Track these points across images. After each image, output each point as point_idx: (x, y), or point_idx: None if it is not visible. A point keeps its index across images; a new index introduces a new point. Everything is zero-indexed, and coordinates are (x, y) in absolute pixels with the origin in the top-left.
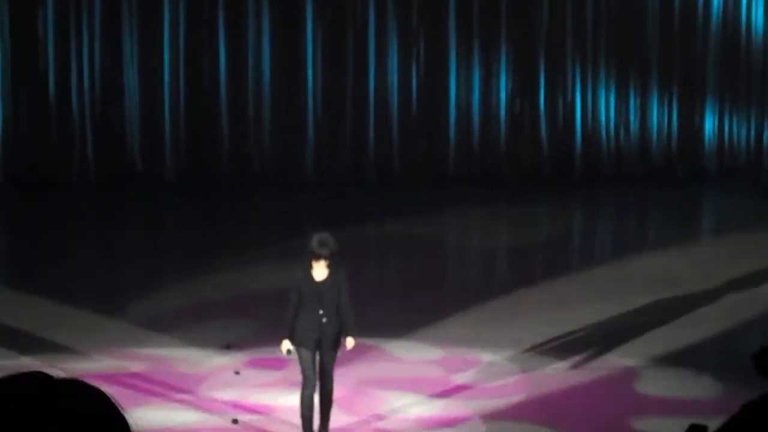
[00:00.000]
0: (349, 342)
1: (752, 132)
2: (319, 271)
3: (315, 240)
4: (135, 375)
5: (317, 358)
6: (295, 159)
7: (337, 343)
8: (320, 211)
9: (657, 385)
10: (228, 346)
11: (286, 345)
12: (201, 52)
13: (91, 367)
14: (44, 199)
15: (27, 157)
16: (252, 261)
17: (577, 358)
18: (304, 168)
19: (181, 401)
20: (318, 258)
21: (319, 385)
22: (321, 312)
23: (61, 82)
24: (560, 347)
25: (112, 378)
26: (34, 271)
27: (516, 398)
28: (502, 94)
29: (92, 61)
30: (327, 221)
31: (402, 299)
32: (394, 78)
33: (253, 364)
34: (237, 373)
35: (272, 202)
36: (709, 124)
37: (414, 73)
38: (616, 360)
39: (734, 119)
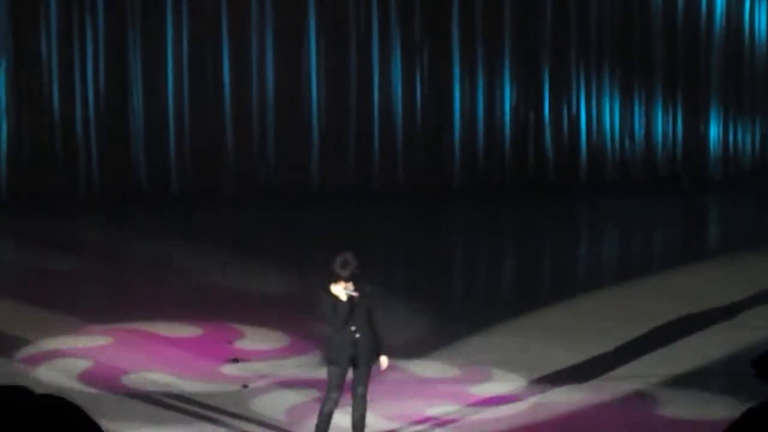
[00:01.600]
0: (383, 361)
1: (757, 139)
2: (345, 288)
3: (337, 261)
4: (143, 392)
5: (348, 376)
6: (300, 172)
7: (372, 360)
8: (326, 224)
9: (673, 405)
10: (236, 360)
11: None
12: (205, 67)
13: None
14: (50, 218)
15: (32, 175)
16: (259, 275)
17: (589, 377)
18: (309, 181)
19: (189, 415)
20: (338, 279)
21: (352, 407)
22: (353, 328)
23: (66, 99)
24: (572, 364)
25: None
26: (43, 288)
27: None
28: (507, 105)
29: (96, 77)
30: (333, 234)
31: (410, 314)
32: (398, 90)
33: (263, 378)
34: (245, 387)
35: (278, 215)
36: (714, 132)
37: (418, 85)
38: (629, 377)
39: (739, 127)
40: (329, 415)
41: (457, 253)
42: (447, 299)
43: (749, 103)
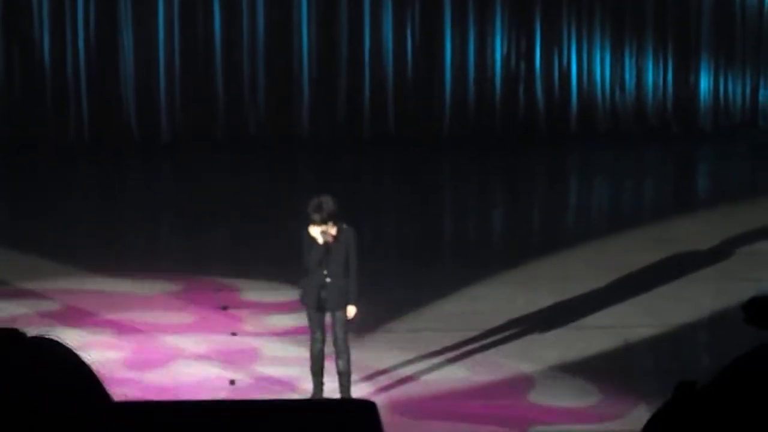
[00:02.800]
0: (349, 311)
1: (747, 90)
2: (321, 232)
3: (311, 204)
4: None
5: (327, 320)
6: (291, 119)
7: (340, 307)
8: (315, 172)
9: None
10: (224, 308)
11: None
12: (195, 13)
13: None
14: (39, 163)
15: (22, 121)
16: (248, 222)
17: (576, 325)
18: (299, 128)
19: (173, 358)
20: (312, 222)
21: (335, 353)
22: (325, 272)
23: (56, 46)
24: (565, 310)
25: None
26: (30, 234)
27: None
28: (498, 54)
29: (87, 24)
30: (322, 181)
31: (395, 263)
32: (389, 37)
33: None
34: (234, 334)
35: (268, 162)
36: (705, 83)
37: (409, 33)
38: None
39: (729, 78)
40: (320, 355)
41: (446, 203)
42: (433, 249)
43: (740, 54)
